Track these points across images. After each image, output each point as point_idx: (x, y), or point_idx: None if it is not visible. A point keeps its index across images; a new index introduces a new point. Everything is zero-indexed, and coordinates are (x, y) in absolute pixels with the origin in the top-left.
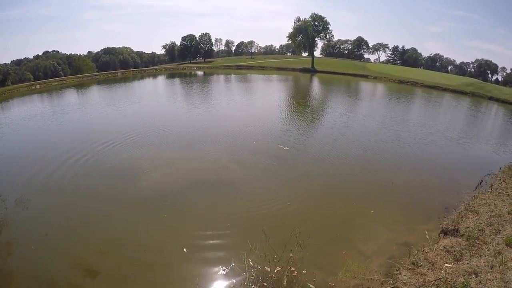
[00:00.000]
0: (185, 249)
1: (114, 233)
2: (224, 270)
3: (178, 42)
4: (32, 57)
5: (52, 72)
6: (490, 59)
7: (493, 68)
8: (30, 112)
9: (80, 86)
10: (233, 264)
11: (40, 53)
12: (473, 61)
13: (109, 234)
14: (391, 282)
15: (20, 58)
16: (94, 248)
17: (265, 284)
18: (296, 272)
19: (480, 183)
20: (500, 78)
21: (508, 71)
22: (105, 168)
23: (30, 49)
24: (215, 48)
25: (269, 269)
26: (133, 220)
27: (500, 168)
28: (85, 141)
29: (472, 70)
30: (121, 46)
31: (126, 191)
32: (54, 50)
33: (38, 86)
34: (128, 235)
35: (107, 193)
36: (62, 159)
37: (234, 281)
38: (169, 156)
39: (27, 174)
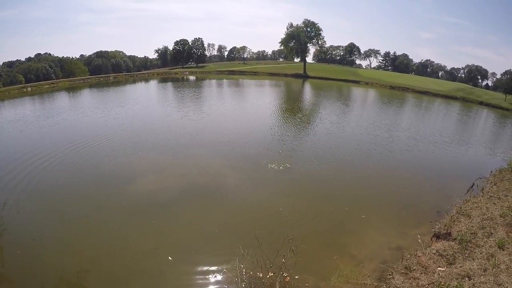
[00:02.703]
0: (170, 257)
1: (101, 239)
2: (216, 276)
3: (170, 47)
4: (24, 59)
5: (44, 75)
6: (481, 65)
7: (484, 74)
8: (19, 114)
9: (72, 89)
10: (225, 270)
11: (32, 55)
12: (464, 66)
13: (96, 240)
14: (384, 286)
15: (12, 60)
16: (81, 254)
17: None
18: (288, 277)
19: (472, 186)
20: (490, 84)
21: (498, 76)
22: (91, 173)
23: (22, 51)
24: (207, 53)
25: (261, 275)
26: (121, 226)
27: (491, 172)
28: (69, 146)
29: (463, 75)
30: (113, 50)
31: (113, 196)
32: (47, 53)
33: (29, 89)
34: (116, 242)
35: (93, 198)
36: (43, 164)
37: (226, 287)
38: (159, 161)
39: (5, 178)
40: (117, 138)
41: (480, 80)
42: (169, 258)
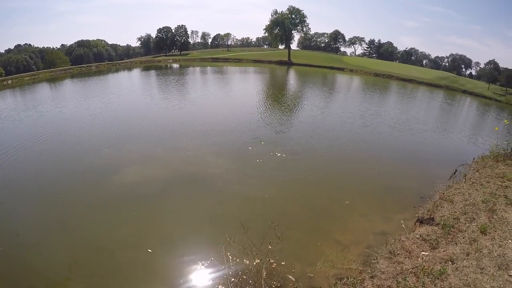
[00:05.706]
0: (149, 249)
1: (82, 233)
2: (202, 264)
3: (153, 34)
4: (3, 51)
5: (24, 67)
6: (465, 54)
7: (467, 63)
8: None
9: (53, 80)
10: (212, 258)
11: (12, 47)
12: (448, 55)
13: (75, 234)
14: (369, 271)
15: None
16: (63, 249)
17: (244, 277)
18: (275, 264)
19: (454, 173)
20: (474, 73)
21: (482, 66)
22: (66, 166)
23: (1, 43)
24: (191, 41)
25: (248, 262)
26: (104, 219)
27: (474, 159)
28: (41, 139)
29: (447, 64)
30: (95, 39)
31: (93, 189)
32: (27, 44)
33: (10, 82)
34: (100, 235)
35: (72, 192)
36: (16, 158)
37: (213, 275)
38: (142, 151)
39: None
40: (98, 130)
41: (464, 69)
42: (149, 250)
